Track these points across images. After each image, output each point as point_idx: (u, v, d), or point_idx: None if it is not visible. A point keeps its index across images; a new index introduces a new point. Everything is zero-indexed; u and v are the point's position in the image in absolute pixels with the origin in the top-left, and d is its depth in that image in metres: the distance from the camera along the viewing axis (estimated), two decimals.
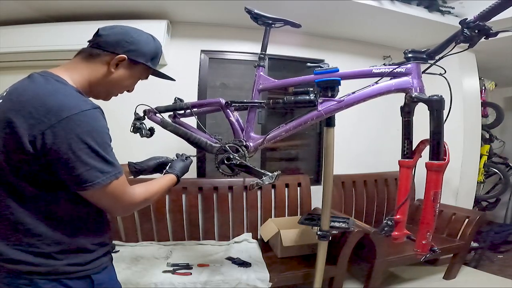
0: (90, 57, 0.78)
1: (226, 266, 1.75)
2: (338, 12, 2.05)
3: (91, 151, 0.64)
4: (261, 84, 1.40)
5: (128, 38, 0.79)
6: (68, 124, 0.62)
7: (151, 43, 0.85)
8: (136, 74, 0.85)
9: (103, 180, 0.66)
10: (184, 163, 1.09)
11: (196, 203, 2.13)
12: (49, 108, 0.62)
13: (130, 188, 0.74)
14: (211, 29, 2.26)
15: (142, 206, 0.81)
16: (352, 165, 2.54)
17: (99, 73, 0.78)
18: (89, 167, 0.64)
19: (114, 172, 0.68)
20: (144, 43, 0.82)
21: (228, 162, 1.27)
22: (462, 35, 0.97)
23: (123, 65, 0.80)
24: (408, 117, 1.16)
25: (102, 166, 0.66)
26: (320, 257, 1.59)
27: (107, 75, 0.79)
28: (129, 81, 0.85)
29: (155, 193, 0.85)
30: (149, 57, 0.84)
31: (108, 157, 0.67)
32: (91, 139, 0.64)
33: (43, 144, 0.62)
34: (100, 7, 1.94)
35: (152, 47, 0.84)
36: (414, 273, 2.35)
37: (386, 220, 1.14)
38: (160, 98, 1.68)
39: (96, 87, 0.80)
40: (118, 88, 0.85)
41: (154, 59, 0.86)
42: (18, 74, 2.34)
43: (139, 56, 0.81)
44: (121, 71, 0.80)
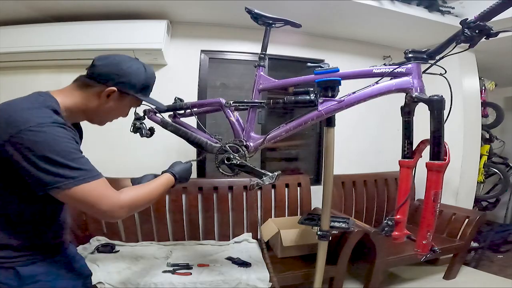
0: (84, 87, 0.83)
1: (226, 266, 1.75)
2: (338, 12, 2.05)
3: (49, 159, 0.67)
4: (261, 84, 1.40)
5: (119, 71, 0.83)
6: (25, 136, 0.66)
7: (142, 74, 0.88)
8: (127, 104, 0.90)
9: (65, 185, 0.68)
10: (183, 165, 1.09)
11: (196, 203, 2.13)
12: (11, 121, 0.68)
13: (113, 191, 0.75)
14: (211, 29, 2.26)
15: (134, 207, 0.80)
16: (352, 165, 2.54)
17: (91, 103, 0.83)
18: (48, 173, 0.67)
19: (81, 177, 0.70)
20: (134, 75, 0.86)
21: (228, 162, 1.27)
22: (463, 35, 0.97)
23: (114, 96, 0.84)
24: (408, 117, 1.16)
25: (63, 171, 0.68)
26: (320, 257, 1.59)
27: (99, 105, 0.84)
28: (121, 110, 0.91)
29: (148, 193, 0.85)
30: (139, 88, 0.88)
31: (72, 163, 0.69)
32: (49, 149, 0.67)
33: (4, 153, 0.67)
34: (100, 7, 1.94)
35: (142, 78, 0.88)
36: (414, 273, 2.35)
37: (386, 220, 1.15)
38: (160, 98, 1.67)
39: (89, 114, 0.86)
40: (111, 116, 0.91)
41: (145, 90, 0.91)
42: (18, 74, 2.35)
43: (129, 88, 0.85)
44: (112, 102, 0.85)
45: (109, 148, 2.11)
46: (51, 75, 2.08)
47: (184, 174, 1.06)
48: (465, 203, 2.54)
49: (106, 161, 2.10)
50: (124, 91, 0.85)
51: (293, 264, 1.80)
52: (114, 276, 1.54)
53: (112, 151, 2.11)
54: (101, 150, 2.14)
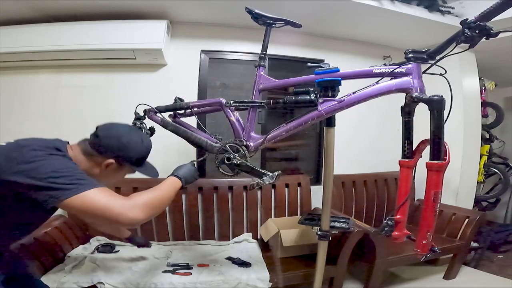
0: (87, 154, 0.92)
1: (226, 266, 1.75)
2: (338, 12, 2.05)
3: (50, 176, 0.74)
4: (261, 84, 1.40)
5: (119, 145, 0.92)
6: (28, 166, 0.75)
7: (139, 147, 0.96)
8: (123, 172, 0.99)
9: (67, 194, 0.74)
10: (186, 167, 1.10)
11: (196, 203, 2.13)
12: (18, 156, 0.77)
13: (120, 196, 0.79)
14: (211, 29, 2.26)
15: (150, 207, 0.82)
16: (352, 165, 2.54)
17: (92, 170, 0.92)
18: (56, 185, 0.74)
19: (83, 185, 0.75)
20: (132, 149, 0.94)
21: (229, 162, 1.27)
22: (463, 35, 0.97)
23: (112, 166, 0.93)
24: (409, 117, 1.16)
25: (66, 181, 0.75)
26: (320, 257, 1.59)
27: (99, 173, 0.92)
28: (117, 177, 1.00)
29: (159, 194, 0.88)
30: (135, 160, 0.96)
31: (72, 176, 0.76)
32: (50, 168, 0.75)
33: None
34: (100, 7, 1.94)
35: (139, 151, 0.96)
36: (414, 273, 2.35)
37: (386, 220, 1.15)
38: (160, 98, 1.68)
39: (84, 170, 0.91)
40: (108, 182, 0.96)
41: (141, 159, 0.99)
42: (18, 74, 2.35)
43: (126, 160, 0.94)
44: (110, 171, 0.94)
45: None
46: (51, 75, 2.08)
47: (189, 175, 1.07)
48: (465, 203, 2.54)
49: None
50: (122, 164, 0.94)
51: (293, 264, 1.80)
52: (114, 276, 1.54)
53: None
54: None
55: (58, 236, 1.70)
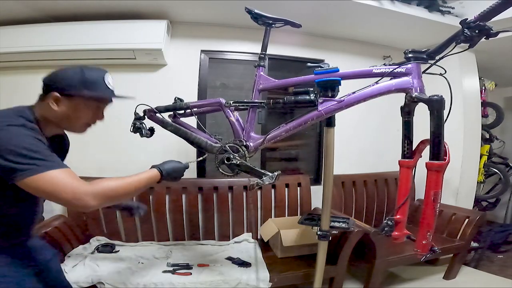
0: (40, 100, 0.92)
1: (226, 266, 1.75)
2: (338, 12, 2.05)
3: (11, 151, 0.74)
4: (261, 84, 1.40)
5: (55, 78, 0.90)
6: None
7: (77, 74, 0.90)
8: (81, 105, 0.91)
9: (26, 173, 0.74)
10: (176, 165, 1.08)
11: (196, 203, 2.13)
12: None
13: (78, 181, 0.79)
14: (211, 29, 2.26)
15: (106, 197, 0.82)
16: (352, 165, 2.54)
17: (48, 113, 0.90)
18: (12, 163, 0.74)
19: (42, 166, 0.75)
20: (69, 77, 0.89)
21: (228, 162, 1.27)
22: (463, 35, 0.97)
23: (62, 101, 0.89)
24: (408, 117, 1.16)
25: (24, 161, 0.74)
26: (320, 257, 1.59)
27: (54, 113, 0.89)
28: (81, 112, 0.92)
29: (125, 185, 0.87)
30: (81, 86, 0.89)
31: (34, 154, 0.76)
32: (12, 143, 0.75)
33: None
34: (100, 7, 1.94)
35: (79, 77, 0.90)
36: (414, 273, 2.35)
37: (386, 220, 1.14)
38: (160, 98, 1.68)
39: (54, 123, 0.92)
40: (76, 121, 0.93)
41: (91, 86, 0.90)
42: (18, 74, 2.35)
43: (69, 89, 0.89)
44: (64, 106, 0.89)
45: (109, 148, 2.11)
46: None
47: (173, 173, 1.05)
48: (465, 203, 2.54)
49: (106, 161, 2.12)
50: (66, 93, 0.88)
51: (293, 264, 1.80)
52: (114, 276, 1.54)
53: (112, 151, 2.12)
54: (101, 150, 2.15)
55: (58, 236, 1.70)
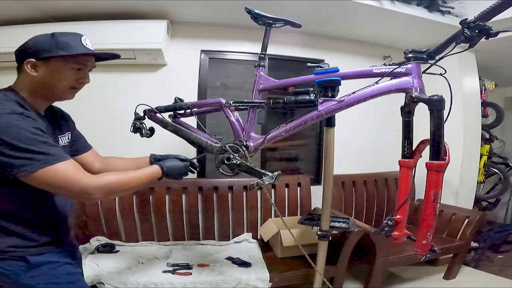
0: (19, 73, 0.91)
1: (226, 266, 1.75)
2: (338, 12, 2.05)
3: (11, 145, 0.72)
4: (261, 84, 1.40)
5: (24, 46, 0.89)
6: None
7: (48, 37, 0.89)
8: (60, 67, 0.88)
9: (30, 167, 0.73)
10: (178, 162, 1.10)
11: (196, 203, 2.13)
12: None
13: (84, 173, 0.81)
14: (211, 29, 2.26)
15: (110, 191, 0.85)
16: (352, 165, 2.54)
17: (29, 81, 0.88)
18: (13, 158, 0.73)
19: (45, 160, 0.74)
20: (40, 41, 0.88)
21: (228, 162, 1.26)
22: (463, 35, 0.97)
23: (39, 66, 0.86)
24: (408, 117, 1.16)
25: (26, 156, 0.73)
26: (320, 257, 1.59)
27: (34, 80, 0.87)
28: (62, 75, 0.89)
29: (128, 180, 0.89)
30: (55, 48, 0.86)
31: (34, 148, 0.74)
32: (9, 136, 0.73)
33: None
34: (100, 7, 1.94)
35: (48, 40, 0.88)
36: (414, 273, 2.35)
37: (386, 220, 1.14)
38: (160, 98, 1.68)
39: (38, 92, 0.89)
40: (58, 84, 0.89)
41: (66, 46, 0.87)
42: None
43: (42, 52, 0.86)
44: (43, 71, 0.87)
45: (109, 148, 2.10)
46: None
47: (174, 171, 1.07)
48: (465, 203, 2.53)
49: None
50: (41, 57, 0.86)
51: (293, 264, 1.80)
52: (114, 276, 1.54)
53: (112, 151, 2.10)
54: (101, 150, 2.14)
55: None
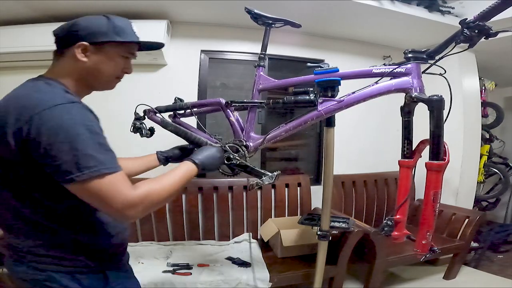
0: (59, 58, 0.79)
1: (226, 266, 1.75)
2: (338, 12, 2.05)
3: (62, 146, 0.62)
4: (261, 84, 1.40)
5: (76, 27, 0.77)
6: (40, 120, 0.63)
7: (104, 20, 0.80)
8: (112, 54, 0.81)
9: (77, 176, 0.62)
10: (209, 151, 0.96)
11: (196, 203, 2.13)
12: (25, 106, 0.65)
13: (128, 187, 0.67)
14: (211, 29, 2.26)
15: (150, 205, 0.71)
16: (352, 165, 2.54)
17: (74, 68, 0.78)
18: (59, 162, 0.62)
19: (95, 168, 0.63)
20: (95, 25, 0.78)
21: (228, 162, 1.26)
22: (462, 35, 0.97)
23: (91, 51, 0.77)
24: (408, 117, 1.16)
25: (78, 161, 0.63)
26: (320, 257, 1.59)
27: (82, 66, 0.77)
28: (113, 62, 0.81)
29: (167, 187, 0.75)
30: (112, 33, 0.79)
31: (88, 151, 0.64)
32: (63, 132, 0.63)
33: (22, 140, 0.64)
34: (100, 7, 1.94)
35: (105, 23, 0.79)
36: (414, 273, 2.35)
37: (386, 220, 1.14)
38: (160, 98, 1.68)
39: (82, 81, 0.80)
40: (107, 72, 0.82)
41: (121, 32, 0.81)
42: (18, 74, 2.34)
43: (98, 36, 0.77)
44: (94, 57, 0.78)
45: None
46: None
47: (209, 162, 0.94)
48: (465, 203, 2.54)
49: None
50: (97, 41, 0.77)
51: (293, 264, 1.81)
52: None
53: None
54: None
55: None
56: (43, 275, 0.71)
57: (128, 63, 0.86)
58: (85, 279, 0.74)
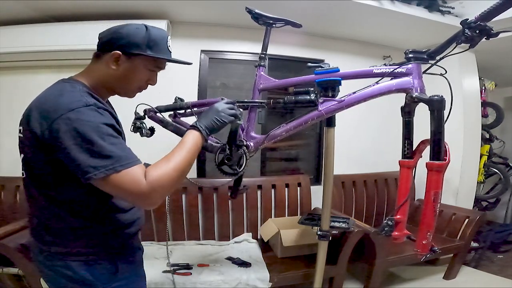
0: (96, 60, 0.86)
1: (226, 266, 1.75)
2: (338, 12, 2.05)
3: (79, 147, 0.68)
4: (261, 84, 1.40)
5: (117, 35, 0.82)
6: (59, 125, 0.68)
7: (142, 32, 0.83)
8: (141, 66, 0.85)
9: (95, 175, 0.67)
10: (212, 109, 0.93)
11: (196, 203, 2.13)
12: (46, 110, 0.71)
13: (143, 179, 0.71)
14: (211, 29, 2.26)
15: (168, 184, 0.73)
16: (352, 165, 2.54)
17: (105, 73, 0.84)
18: (78, 162, 0.68)
19: (110, 166, 0.68)
20: (132, 35, 0.82)
21: (229, 162, 1.26)
22: (463, 35, 0.97)
23: (122, 60, 0.82)
24: (409, 117, 1.16)
25: (92, 160, 0.68)
26: (320, 257, 1.59)
27: (112, 73, 0.83)
28: (139, 74, 0.86)
29: (175, 165, 0.76)
30: (145, 46, 0.83)
31: (101, 151, 0.68)
32: (79, 135, 0.68)
33: (45, 142, 0.70)
34: (100, 7, 1.93)
35: (142, 35, 0.83)
36: (414, 273, 2.35)
37: (386, 220, 1.14)
38: (160, 97, 1.67)
39: (109, 85, 0.86)
40: (132, 82, 0.87)
41: (154, 47, 0.84)
42: (18, 74, 2.35)
43: (132, 48, 0.82)
44: (124, 66, 0.83)
45: None
46: (51, 75, 2.04)
47: (215, 122, 0.89)
48: (465, 203, 2.54)
49: None
50: (129, 52, 0.82)
51: (293, 264, 1.81)
52: None
53: None
54: None
55: None
56: (60, 264, 0.78)
57: (154, 75, 0.91)
58: (97, 268, 0.79)
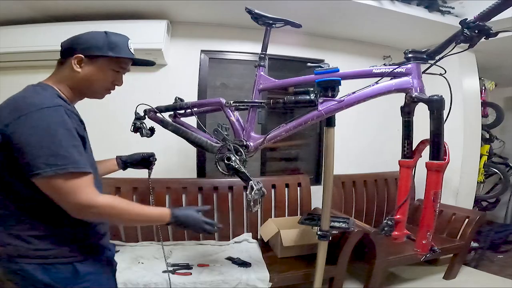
0: (60, 66, 0.89)
1: (226, 266, 1.75)
2: (338, 12, 2.05)
3: (38, 143, 0.70)
4: (261, 84, 1.40)
5: (77, 40, 0.87)
6: (26, 119, 0.71)
7: (102, 36, 0.88)
8: (104, 67, 0.89)
9: (45, 171, 0.69)
10: (192, 214, 0.96)
11: (196, 203, 2.13)
12: (16, 107, 0.74)
13: (92, 191, 0.76)
14: (211, 29, 2.26)
15: (103, 215, 0.79)
16: (352, 165, 2.54)
17: (71, 76, 0.87)
18: (32, 157, 0.70)
19: (62, 166, 0.70)
20: (92, 38, 0.87)
21: (228, 161, 1.27)
22: (463, 35, 0.97)
23: (85, 63, 0.86)
24: (408, 117, 1.16)
25: (48, 158, 0.70)
26: (320, 257, 1.59)
27: (77, 76, 0.86)
28: (103, 75, 0.90)
29: (129, 212, 0.83)
30: (106, 48, 0.87)
31: (60, 150, 0.71)
32: (43, 131, 0.71)
33: (5, 136, 0.71)
34: (100, 7, 1.94)
35: (102, 38, 0.87)
36: (414, 273, 2.35)
37: (386, 220, 1.14)
38: (160, 98, 1.68)
39: (75, 88, 0.88)
40: (97, 84, 0.90)
41: (115, 48, 0.88)
42: (18, 74, 2.35)
43: (93, 50, 0.86)
44: (87, 68, 0.87)
45: (108, 148, 2.10)
46: None
47: (185, 221, 0.94)
48: (465, 203, 2.54)
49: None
50: (90, 54, 0.86)
51: (293, 264, 1.81)
52: None
53: (111, 151, 2.11)
54: (100, 150, 2.14)
55: None
56: (17, 267, 0.76)
57: (119, 76, 0.94)
58: (54, 270, 0.77)
